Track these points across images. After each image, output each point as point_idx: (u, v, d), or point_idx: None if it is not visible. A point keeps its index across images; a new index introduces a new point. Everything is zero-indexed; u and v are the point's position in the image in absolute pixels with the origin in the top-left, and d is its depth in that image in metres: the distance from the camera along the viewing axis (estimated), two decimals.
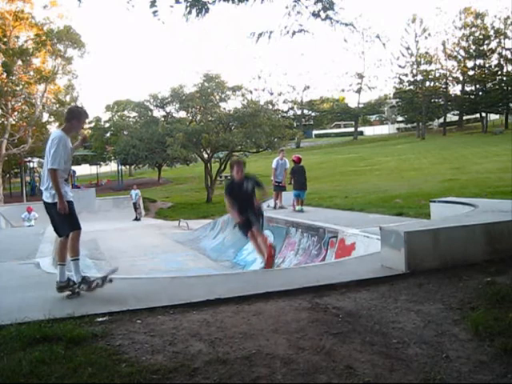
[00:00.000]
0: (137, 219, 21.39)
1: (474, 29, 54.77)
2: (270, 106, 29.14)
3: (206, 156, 26.38)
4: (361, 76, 67.11)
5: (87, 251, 12.02)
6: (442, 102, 58.55)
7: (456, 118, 64.83)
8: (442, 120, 61.16)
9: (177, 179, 42.26)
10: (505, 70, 54.87)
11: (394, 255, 5.04)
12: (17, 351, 3.08)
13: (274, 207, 12.69)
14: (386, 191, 17.36)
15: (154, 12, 4.90)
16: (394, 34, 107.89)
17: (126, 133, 34.36)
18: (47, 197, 4.46)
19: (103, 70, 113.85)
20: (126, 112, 46.45)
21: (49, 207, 4.48)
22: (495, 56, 55.24)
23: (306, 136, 67.83)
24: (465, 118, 64.28)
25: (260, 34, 5.62)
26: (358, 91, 68.70)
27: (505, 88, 53.69)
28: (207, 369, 2.85)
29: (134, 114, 40.67)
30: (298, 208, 11.62)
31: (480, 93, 55.58)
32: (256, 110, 24.94)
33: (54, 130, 4.67)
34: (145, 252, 12.19)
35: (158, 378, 2.73)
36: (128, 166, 45.59)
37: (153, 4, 4.87)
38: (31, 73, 30.25)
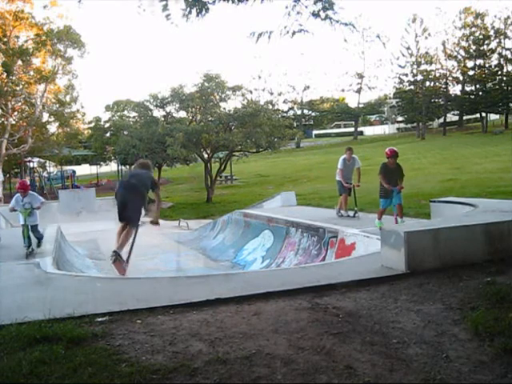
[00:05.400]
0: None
1: (474, 29, 54.67)
2: (270, 106, 29.04)
3: (206, 156, 26.35)
4: (361, 76, 66.99)
5: (87, 251, 12.01)
6: (442, 102, 58.43)
7: (456, 118, 64.77)
8: (442, 120, 61.05)
9: (177, 179, 42.22)
10: (505, 70, 54.75)
11: (394, 255, 5.04)
12: (17, 351, 3.08)
13: (351, 215, 10.59)
14: None
15: (167, 16, 4.89)
16: (394, 33, 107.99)
17: (126, 133, 34.27)
18: None
19: (103, 70, 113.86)
20: (125, 112, 46.33)
21: None
22: (495, 56, 55.14)
23: (306, 136, 67.82)
24: (465, 118, 64.20)
25: (260, 34, 5.59)
26: (358, 91, 68.59)
27: (505, 88, 53.61)
28: (207, 369, 2.85)
29: (133, 113, 40.59)
30: (399, 221, 8.67)
31: (480, 93, 55.45)
32: (256, 110, 24.85)
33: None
34: (145, 252, 12.15)
35: (157, 377, 2.74)
36: (128, 166, 45.50)
37: (165, 8, 4.86)
38: (31, 73, 30.17)
